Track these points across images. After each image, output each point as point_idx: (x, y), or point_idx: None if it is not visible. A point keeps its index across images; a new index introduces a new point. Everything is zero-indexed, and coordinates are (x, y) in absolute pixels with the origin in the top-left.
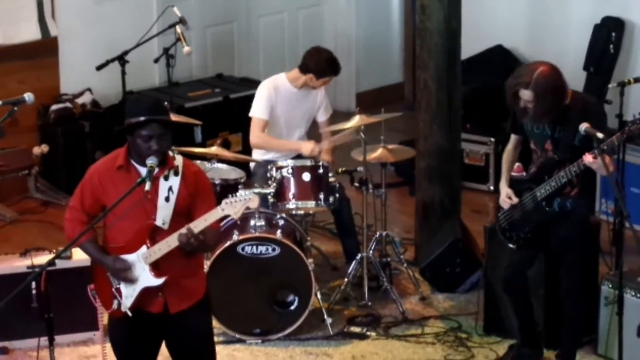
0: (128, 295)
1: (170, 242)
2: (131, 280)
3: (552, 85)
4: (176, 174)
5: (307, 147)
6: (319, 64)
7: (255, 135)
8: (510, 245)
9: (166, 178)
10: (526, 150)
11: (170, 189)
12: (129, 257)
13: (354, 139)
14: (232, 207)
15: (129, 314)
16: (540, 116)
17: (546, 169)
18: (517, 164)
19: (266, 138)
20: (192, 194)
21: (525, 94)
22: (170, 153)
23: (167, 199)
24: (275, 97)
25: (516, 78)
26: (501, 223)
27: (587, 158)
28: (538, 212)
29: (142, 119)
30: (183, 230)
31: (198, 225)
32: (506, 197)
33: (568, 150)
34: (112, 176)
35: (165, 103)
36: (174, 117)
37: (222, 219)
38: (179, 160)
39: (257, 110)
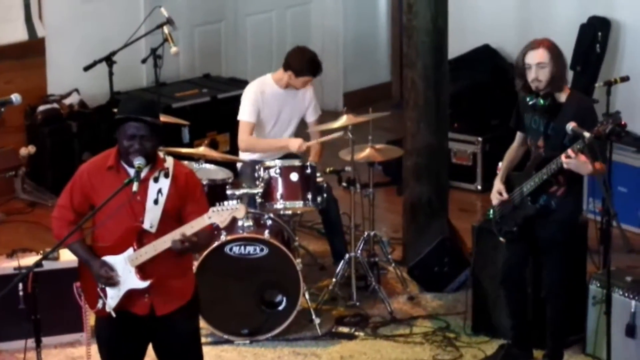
0: (113, 295)
1: (157, 246)
2: (115, 285)
3: (558, 48)
4: (166, 176)
5: (295, 143)
6: (299, 63)
7: (242, 138)
8: (501, 239)
9: (156, 180)
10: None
11: (159, 191)
12: (115, 259)
13: (342, 138)
14: (219, 215)
15: (113, 314)
16: (554, 79)
17: (534, 166)
18: None
19: (253, 140)
20: (182, 196)
21: (538, 54)
22: (161, 154)
23: (155, 202)
24: (261, 100)
25: (523, 47)
26: (495, 216)
27: (562, 158)
28: (523, 207)
29: (124, 116)
30: (177, 236)
31: (185, 232)
32: (496, 192)
33: (557, 148)
34: (101, 176)
35: None
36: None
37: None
38: (169, 162)
39: (244, 114)
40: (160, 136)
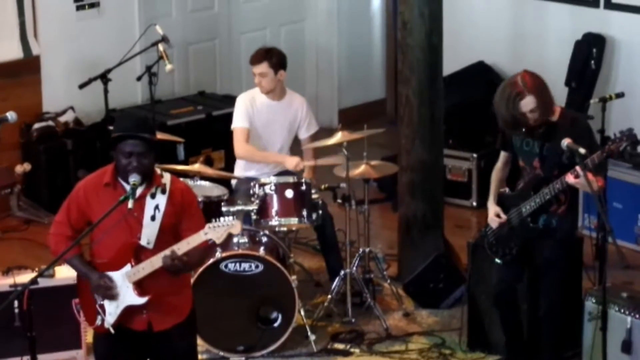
0: (111, 312)
1: (154, 262)
2: (113, 298)
3: (540, 81)
4: (163, 192)
5: (292, 161)
6: None
7: (239, 146)
8: (497, 260)
9: (153, 196)
10: (515, 168)
11: (156, 207)
12: (113, 275)
13: (338, 155)
14: (215, 231)
15: (112, 330)
16: (545, 114)
17: (532, 186)
18: None
19: (251, 149)
20: (179, 212)
21: (528, 102)
22: (158, 171)
23: (152, 218)
24: (252, 109)
25: (506, 100)
26: (489, 238)
27: (569, 178)
28: (523, 228)
29: (122, 134)
30: (167, 252)
31: (181, 247)
32: (494, 215)
33: (555, 167)
34: (98, 192)
35: None
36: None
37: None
38: (166, 178)
39: (238, 121)
40: (157, 152)
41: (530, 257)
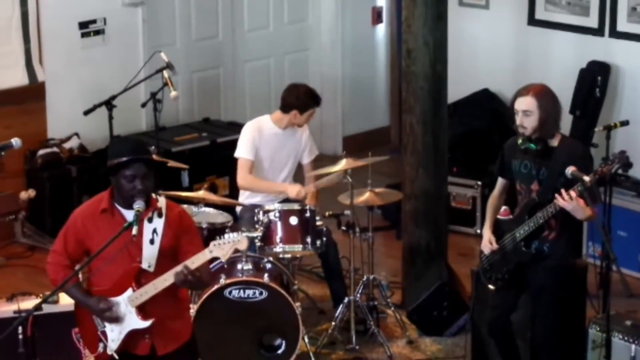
0: (114, 338)
1: (158, 285)
2: (117, 321)
3: (551, 94)
4: (160, 215)
5: (293, 189)
6: (300, 98)
7: (242, 176)
8: (490, 286)
9: (150, 220)
10: (512, 196)
11: (154, 231)
12: (115, 300)
13: (340, 182)
14: (220, 249)
15: (116, 356)
16: (541, 126)
17: (527, 210)
18: (504, 207)
19: (253, 180)
20: (177, 235)
21: (525, 102)
22: (154, 195)
23: (151, 242)
24: (259, 138)
25: (515, 93)
26: (483, 264)
27: (559, 200)
28: (516, 253)
29: (125, 158)
30: (179, 268)
31: (187, 265)
32: (487, 242)
33: (550, 192)
34: (95, 220)
35: (152, 147)
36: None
37: (211, 261)
38: (162, 202)
39: (242, 151)
40: (156, 175)
41: (525, 283)
